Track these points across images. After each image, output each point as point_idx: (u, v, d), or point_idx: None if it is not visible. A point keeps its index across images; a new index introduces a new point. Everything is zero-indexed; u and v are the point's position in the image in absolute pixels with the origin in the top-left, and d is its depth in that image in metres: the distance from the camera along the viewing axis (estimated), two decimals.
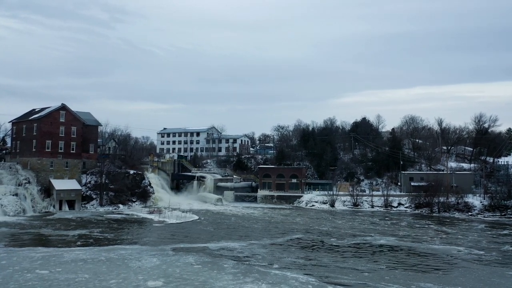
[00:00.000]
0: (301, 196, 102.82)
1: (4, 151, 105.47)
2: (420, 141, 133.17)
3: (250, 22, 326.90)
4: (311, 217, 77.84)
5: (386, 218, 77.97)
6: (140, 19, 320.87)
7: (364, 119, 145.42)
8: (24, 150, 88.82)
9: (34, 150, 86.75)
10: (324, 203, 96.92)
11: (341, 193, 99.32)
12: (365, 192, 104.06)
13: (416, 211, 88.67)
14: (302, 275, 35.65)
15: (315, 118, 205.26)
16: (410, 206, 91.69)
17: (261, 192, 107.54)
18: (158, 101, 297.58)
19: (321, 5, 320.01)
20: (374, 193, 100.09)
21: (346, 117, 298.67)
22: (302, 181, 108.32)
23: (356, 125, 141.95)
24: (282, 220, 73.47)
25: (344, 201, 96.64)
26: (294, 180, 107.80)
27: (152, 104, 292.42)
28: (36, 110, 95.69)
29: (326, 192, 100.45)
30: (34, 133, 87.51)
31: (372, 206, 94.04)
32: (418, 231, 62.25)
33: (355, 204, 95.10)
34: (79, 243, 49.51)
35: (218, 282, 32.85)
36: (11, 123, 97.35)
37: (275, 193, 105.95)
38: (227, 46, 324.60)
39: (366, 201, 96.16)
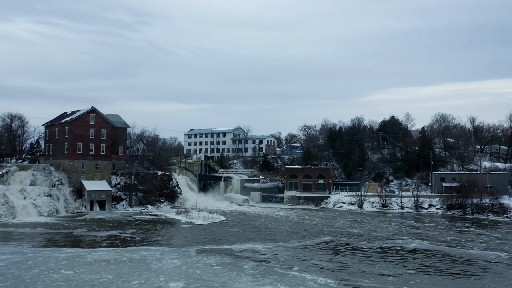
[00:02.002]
0: (329, 197, 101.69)
1: (38, 153, 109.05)
2: (451, 140, 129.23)
3: (272, 21, 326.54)
4: (339, 219, 76.79)
5: (417, 220, 76.04)
6: (163, 21, 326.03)
7: (392, 117, 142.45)
8: (57, 152, 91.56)
9: (66, 152, 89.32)
10: (352, 204, 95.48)
11: (369, 194, 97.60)
12: (394, 193, 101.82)
13: (448, 213, 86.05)
14: (321, 278, 35.36)
15: (342, 117, 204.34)
16: (442, 207, 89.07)
17: (287, 193, 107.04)
18: (183, 102, 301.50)
19: (344, 1, 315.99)
20: (404, 194, 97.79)
21: (374, 116, 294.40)
22: (330, 181, 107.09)
23: (385, 124, 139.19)
24: (310, 222, 72.79)
25: (373, 202, 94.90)
26: (321, 181, 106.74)
27: (178, 104, 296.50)
28: (68, 113, 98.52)
29: (354, 193, 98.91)
30: (66, 136, 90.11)
31: (402, 208, 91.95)
32: (453, 234, 60.28)
33: (384, 205, 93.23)
34: (104, 244, 50.50)
35: (237, 284, 33.04)
36: (44, 126, 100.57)
37: (302, 194, 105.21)
38: (250, 46, 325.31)
39: (396, 202, 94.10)
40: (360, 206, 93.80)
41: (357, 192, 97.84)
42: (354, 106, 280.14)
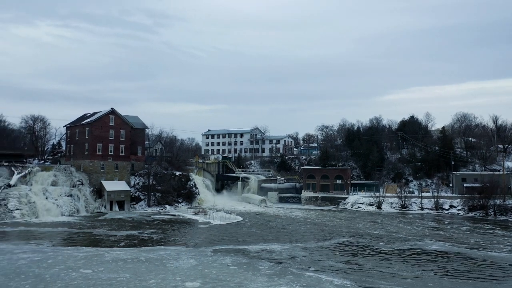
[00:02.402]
0: (347, 198, 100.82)
1: (59, 154, 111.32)
2: (473, 140, 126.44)
3: (289, 21, 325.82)
4: (358, 219, 76.03)
5: (438, 222, 74.68)
6: (181, 23, 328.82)
7: (412, 117, 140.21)
8: (77, 153, 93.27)
9: (86, 153, 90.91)
10: (371, 205, 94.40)
11: (388, 194, 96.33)
12: (413, 193, 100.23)
13: (470, 214, 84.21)
14: (338, 279, 35.08)
15: (360, 117, 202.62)
16: (463, 208, 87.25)
17: (305, 193, 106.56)
18: (201, 102, 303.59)
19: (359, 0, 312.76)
20: (424, 194, 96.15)
21: (392, 115, 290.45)
22: (348, 182, 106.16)
23: (404, 124, 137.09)
24: (328, 222, 72.29)
25: (392, 203, 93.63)
26: (339, 181, 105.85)
27: (195, 105, 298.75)
28: (88, 114, 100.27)
29: (372, 194, 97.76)
30: (86, 137, 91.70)
31: (422, 209, 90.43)
32: (475, 236, 58.94)
33: (403, 206, 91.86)
34: (122, 244, 51.13)
35: (252, 284, 33.09)
36: (65, 127, 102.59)
37: (320, 194, 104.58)
38: (267, 46, 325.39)
39: (415, 203, 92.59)
40: (379, 207, 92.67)
41: (375, 193, 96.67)
42: (372, 105, 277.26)
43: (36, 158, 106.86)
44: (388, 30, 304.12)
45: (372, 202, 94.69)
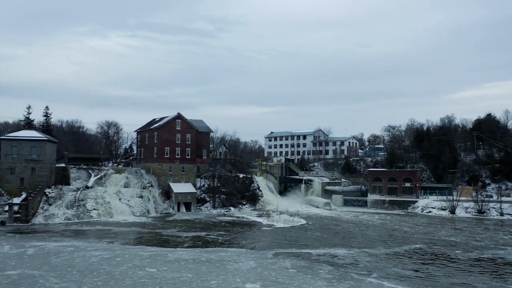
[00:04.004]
0: (416, 201, 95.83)
1: (131, 157, 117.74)
2: None
3: (349, 19, 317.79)
4: (429, 225, 71.84)
5: None
6: (241, 27, 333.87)
7: (489, 115, 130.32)
8: (147, 156, 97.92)
9: (155, 156, 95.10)
10: (443, 209, 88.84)
11: (462, 198, 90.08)
12: (491, 197, 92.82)
13: None
14: (401, 286, 33.33)
15: (430, 116, 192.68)
16: None
17: (371, 197, 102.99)
18: (263, 105, 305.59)
19: None
20: (504, 199, 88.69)
21: (466, 114, 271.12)
22: (417, 185, 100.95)
23: (479, 123, 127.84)
24: (396, 227, 69.07)
25: (467, 208, 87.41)
26: (407, 184, 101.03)
27: (257, 108, 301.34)
28: (156, 119, 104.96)
29: (444, 197, 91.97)
30: (155, 141, 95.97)
31: (502, 214, 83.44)
32: None
33: (480, 211, 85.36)
34: (186, 244, 52.35)
35: (311, 287, 32.55)
36: (136, 132, 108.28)
37: (387, 198, 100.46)
38: (327, 46, 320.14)
39: (494, 208, 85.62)
40: (452, 212, 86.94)
41: (448, 197, 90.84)
42: (443, 104, 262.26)
43: (110, 161, 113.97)
44: (456, 23, 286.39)
45: (445, 207, 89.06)
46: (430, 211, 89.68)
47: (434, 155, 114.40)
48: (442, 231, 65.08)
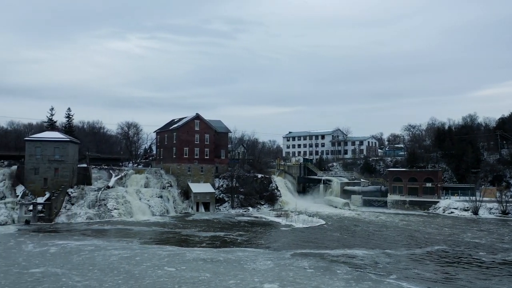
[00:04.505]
0: (438, 202, 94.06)
1: (150, 158, 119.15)
2: None
3: (367, 18, 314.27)
4: (452, 226, 70.43)
5: None
6: (259, 27, 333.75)
7: None
8: (166, 157, 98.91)
9: (174, 156, 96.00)
10: (465, 210, 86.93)
11: (486, 199, 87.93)
12: None
13: None
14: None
15: (451, 115, 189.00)
16: None
17: (391, 197, 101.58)
18: (281, 105, 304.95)
19: None
20: None
21: (489, 112, 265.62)
22: (438, 185, 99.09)
23: (503, 121, 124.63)
24: (418, 228, 67.88)
25: (490, 209, 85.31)
26: (428, 184, 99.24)
27: (275, 108, 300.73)
28: (175, 120, 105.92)
29: (467, 198, 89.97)
30: (174, 141, 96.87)
31: None
32: None
33: (505, 212, 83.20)
34: (204, 244, 52.59)
35: None
36: (155, 132, 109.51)
37: (407, 198, 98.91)
38: (345, 45, 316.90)
39: None
40: (475, 213, 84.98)
41: (471, 197, 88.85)
42: (465, 102, 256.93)
43: (130, 162, 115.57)
44: (475, 20, 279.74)
45: (467, 207, 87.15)
46: (452, 212, 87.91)
47: (456, 155, 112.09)
48: (465, 232, 63.66)
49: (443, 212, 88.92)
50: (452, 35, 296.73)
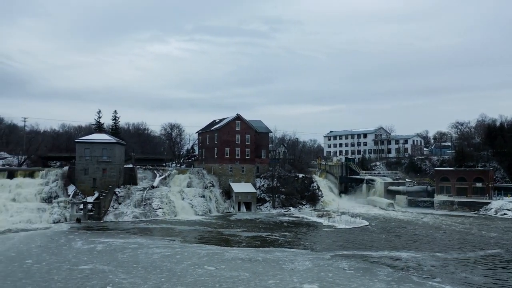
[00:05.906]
0: (489, 203, 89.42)
1: (193, 158, 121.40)
2: None
3: (407, 13, 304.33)
4: (506, 229, 66.63)
5: None
6: (297, 26, 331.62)
7: None
8: (208, 157, 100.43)
9: (215, 157, 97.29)
10: None
11: None
12: None
13: None
14: None
15: (503, 110, 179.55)
16: None
17: (438, 197, 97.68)
18: (320, 103, 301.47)
19: None
20: None
21: None
22: (489, 185, 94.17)
23: None
24: (468, 230, 64.73)
25: None
26: (478, 184, 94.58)
27: (315, 106, 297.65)
28: (216, 121, 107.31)
29: None
30: (215, 142, 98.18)
31: None
32: None
33: None
34: (243, 244, 52.70)
35: None
36: (197, 133, 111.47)
37: (456, 199, 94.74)
38: (384, 41, 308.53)
39: None
40: None
41: None
42: None
43: (173, 162, 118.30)
44: None
45: None
46: (505, 214, 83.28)
47: (509, 153, 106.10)
48: None
49: (495, 214, 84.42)
50: (500, 28, 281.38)
